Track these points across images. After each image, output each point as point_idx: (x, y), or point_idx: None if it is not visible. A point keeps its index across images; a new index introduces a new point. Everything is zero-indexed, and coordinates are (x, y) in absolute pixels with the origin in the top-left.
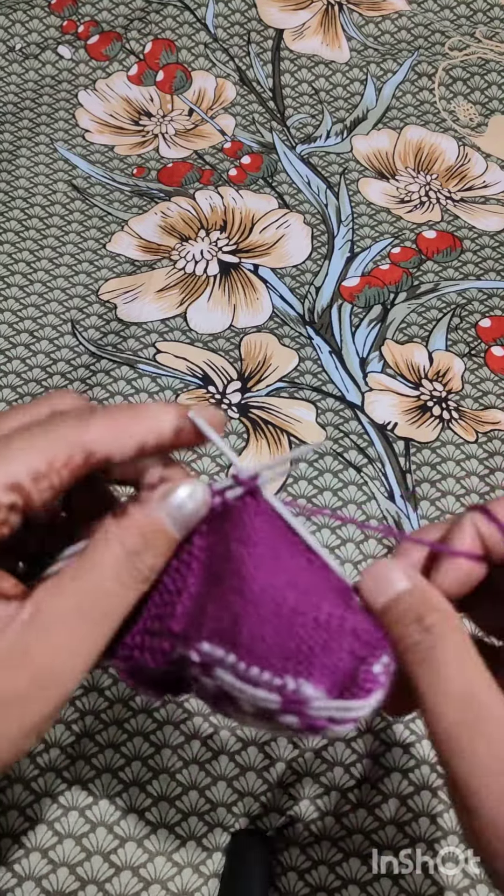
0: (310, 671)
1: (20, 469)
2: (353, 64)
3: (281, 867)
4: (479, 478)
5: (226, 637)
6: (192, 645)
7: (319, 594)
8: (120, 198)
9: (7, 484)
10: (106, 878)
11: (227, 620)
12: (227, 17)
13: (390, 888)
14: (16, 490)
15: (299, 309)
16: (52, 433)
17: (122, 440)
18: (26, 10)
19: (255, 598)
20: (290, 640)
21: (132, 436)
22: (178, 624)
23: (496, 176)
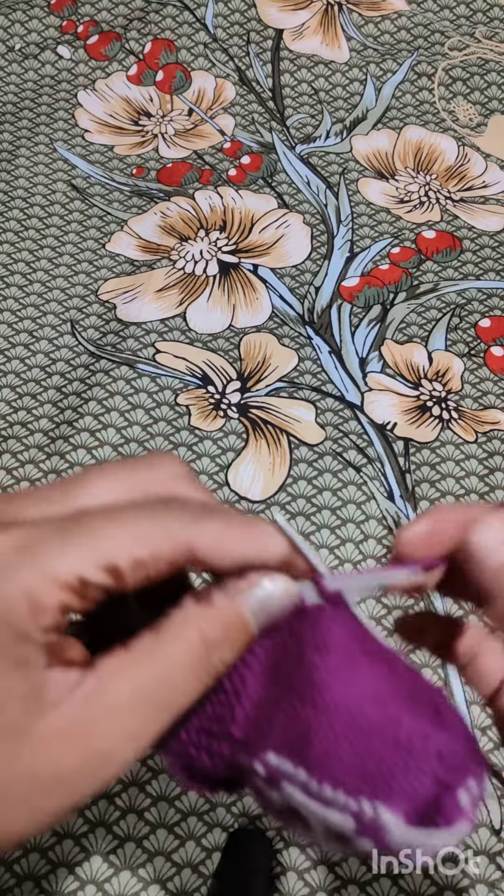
0: (388, 795)
1: (122, 552)
2: (352, 64)
3: (281, 867)
4: (478, 478)
5: (296, 751)
6: (258, 755)
7: (401, 706)
8: (119, 198)
9: (104, 564)
10: (105, 878)
11: (297, 732)
12: (227, 17)
13: (390, 888)
14: (111, 573)
15: (299, 309)
16: (164, 525)
17: (229, 555)
18: (26, 10)
19: (328, 710)
20: (368, 759)
21: (240, 554)
22: (240, 730)
23: (496, 176)
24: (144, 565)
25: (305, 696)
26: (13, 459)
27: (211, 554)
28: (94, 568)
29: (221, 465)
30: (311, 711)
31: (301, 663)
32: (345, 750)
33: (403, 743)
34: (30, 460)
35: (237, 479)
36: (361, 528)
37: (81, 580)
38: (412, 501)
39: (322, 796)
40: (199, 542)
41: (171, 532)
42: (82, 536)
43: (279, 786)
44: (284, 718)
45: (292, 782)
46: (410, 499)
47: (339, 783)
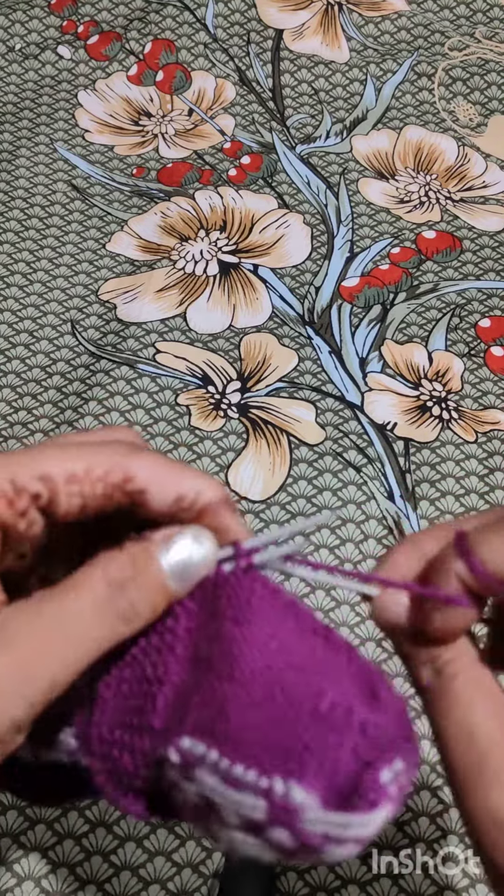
0: (302, 771)
1: (56, 465)
2: (352, 64)
3: (281, 867)
4: (478, 478)
5: (208, 730)
6: (172, 741)
7: (328, 679)
8: (120, 198)
9: (38, 474)
10: (105, 878)
11: (212, 710)
12: (227, 18)
13: (390, 888)
14: (45, 482)
15: (299, 309)
16: (99, 449)
17: (165, 482)
18: (26, 11)
19: (245, 681)
20: (283, 732)
21: (176, 482)
22: (160, 719)
23: (496, 176)
24: (78, 480)
25: (223, 672)
26: None
27: (146, 484)
28: (27, 476)
29: (222, 465)
30: (228, 685)
31: (220, 638)
32: (260, 724)
33: (323, 714)
34: None
35: (237, 479)
36: (361, 528)
37: (14, 485)
38: (412, 501)
39: (233, 777)
40: (135, 464)
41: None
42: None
43: (192, 774)
44: (200, 698)
45: (205, 766)
46: (410, 499)
47: (251, 762)
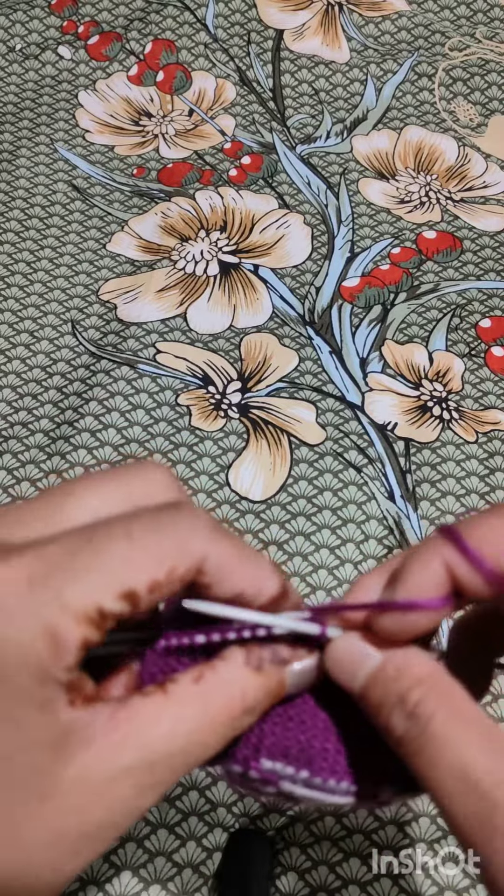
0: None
1: (139, 576)
2: (353, 64)
3: (281, 867)
4: (479, 478)
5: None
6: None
7: None
8: (120, 198)
9: (122, 592)
10: (106, 879)
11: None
12: (227, 18)
13: (390, 888)
14: (129, 600)
15: (299, 309)
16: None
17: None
18: (26, 11)
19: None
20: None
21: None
22: None
23: (496, 176)
24: (160, 588)
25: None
26: (14, 459)
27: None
28: (112, 597)
29: (222, 466)
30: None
31: None
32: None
33: None
34: (31, 460)
35: (238, 479)
36: (362, 528)
37: (101, 612)
38: (413, 502)
39: (326, 788)
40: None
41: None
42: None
43: (277, 784)
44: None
45: (293, 781)
46: (411, 499)
47: (343, 775)
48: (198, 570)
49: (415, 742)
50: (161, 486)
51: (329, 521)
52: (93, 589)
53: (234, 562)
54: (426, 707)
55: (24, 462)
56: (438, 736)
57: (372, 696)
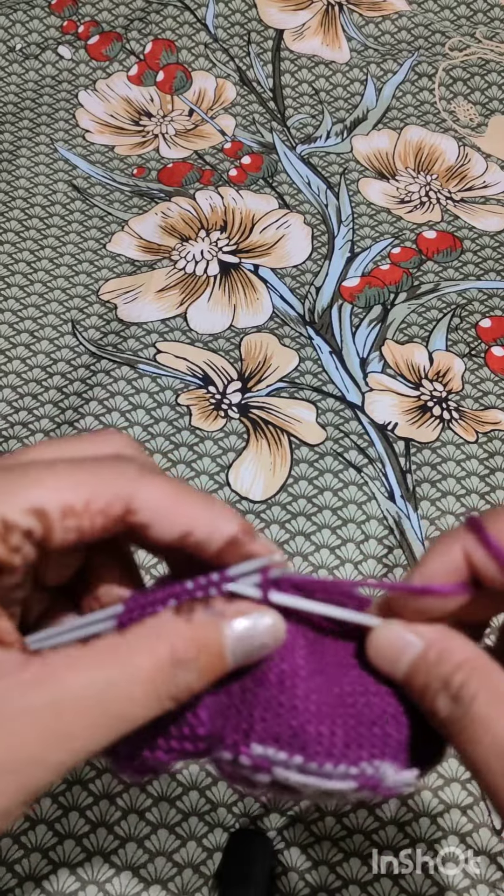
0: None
1: (51, 496)
2: (353, 64)
3: (281, 867)
4: (479, 478)
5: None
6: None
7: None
8: (120, 198)
9: (30, 508)
10: (106, 879)
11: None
12: (227, 18)
13: (390, 888)
14: (39, 517)
15: (299, 309)
16: (102, 473)
17: (171, 517)
18: (26, 11)
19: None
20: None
21: (183, 518)
22: (205, 728)
23: (496, 176)
24: (75, 513)
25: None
26: None
27: (153, 516)
28: (18, 511)
29: (222, 466)
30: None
31: None
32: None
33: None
34: None
35: (238, 479)
36: (362, 528)
37: (4, 522)
38: (413, 501)
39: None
40: (141, 497)
41: (110, 479)
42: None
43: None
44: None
45: (287, 767)
46: (411, 499)
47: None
48: (127, 508)
49: (458, 723)
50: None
51: (329, 521)
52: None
53: (171, 500)
54: (469, 689)
55: None
56: (482, 716)
57: (416, 681)
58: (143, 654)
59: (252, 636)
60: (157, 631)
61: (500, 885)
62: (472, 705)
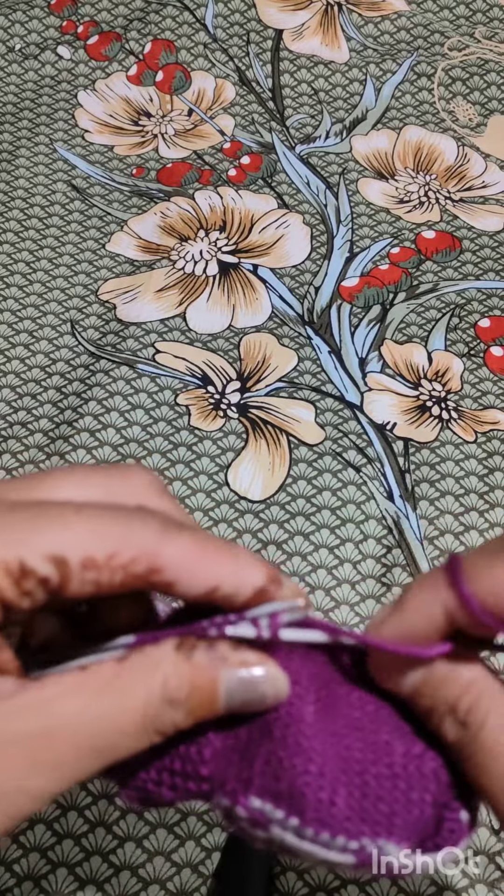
0: (391, 831)
1: (73, 545)
2: (352, 64)
3: (280, 867)
4: (478, 478)
5: (285, 799)
6: (237, 799)
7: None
8: (119, 198)
9: (50, 555)
10: (105, 878)
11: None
12: (227, 18)
13: (389, 888)
14: (58, 566)
15: (298, 309)
16: (128, 527)
17: (197, 574)
18: (26, 11)
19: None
20: (365, 799)
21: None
22: (208, 768)
23: (495, 176)
24: (96, 566)
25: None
26: (13, 459)
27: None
28: (38, 556)
29: (221, 465)
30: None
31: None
32: (340, 795)
33: (400, 773)
34: (30, 460)
35: (237, 479)
36: (361, 527)
37: (23, 567)
38: (412, 501)
39: (319, 840)
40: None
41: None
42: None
43: (267, 828)
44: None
45: (283, 827)
46: (410, 498)
47: (338, 829)
48: (151, 567)
49: (467, 748)
50: (143, 489)
51: (328, 521)
52: (20, 543)
53: (196, 555)
54: (477, 715)
55: (24, 462)
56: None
57: (422, 703)
58: (138, 686)
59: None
60: (155, 664)
61: (499, 884)
62: (481, 732)
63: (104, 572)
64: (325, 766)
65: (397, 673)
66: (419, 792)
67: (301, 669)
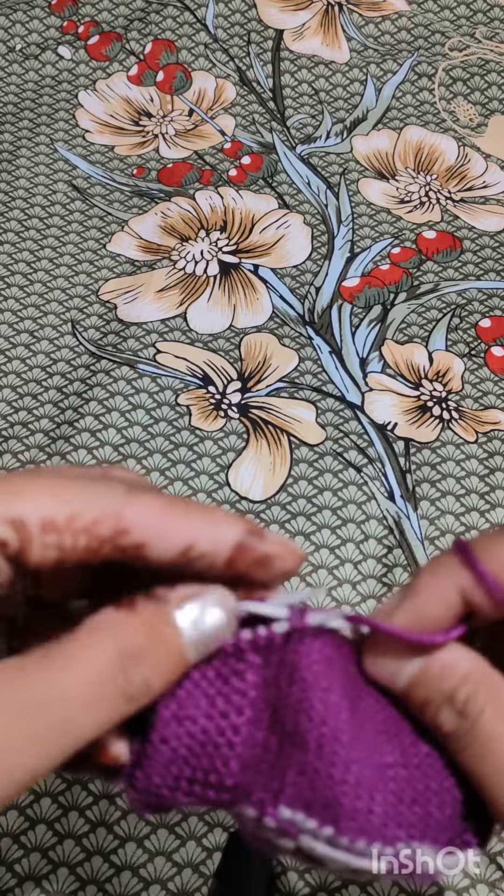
0: (425, 833)
1: (30, 508)
2: (352, 64)
3: (281, 867)
4: (478, 478)
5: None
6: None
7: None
8: (120, 198)
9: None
10: (106, 878)
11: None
12: (227, 18)
13: (390, 888)
14: (15, 528)
15: (299, 309)
16: (89, 490)
17: (168, 532)
18: (26, 11)
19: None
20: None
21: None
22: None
23: (496, 176)
24: (56, 529)
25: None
26: (14, 459)
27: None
28: None
29: (222, 466)
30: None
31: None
32: (377, 802)
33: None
34: (31, 460)
35: (238, 479)
36: (362, 528)
37: None
38: (413, 501)
39: (353, 849)
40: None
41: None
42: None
43: (296, 837)
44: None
45: (315, 837)
46: (411, 499)
47: (375, 836)
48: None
49: (464, 738)
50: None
51: (329, 521)
52: None
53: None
54: (475, 704)
55: (24, 462)
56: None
57: (417, 695)
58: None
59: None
60: (98, 624)
61: (500, 884)
62: (479, 720)
63: (66, 535)
64: (363, 775)
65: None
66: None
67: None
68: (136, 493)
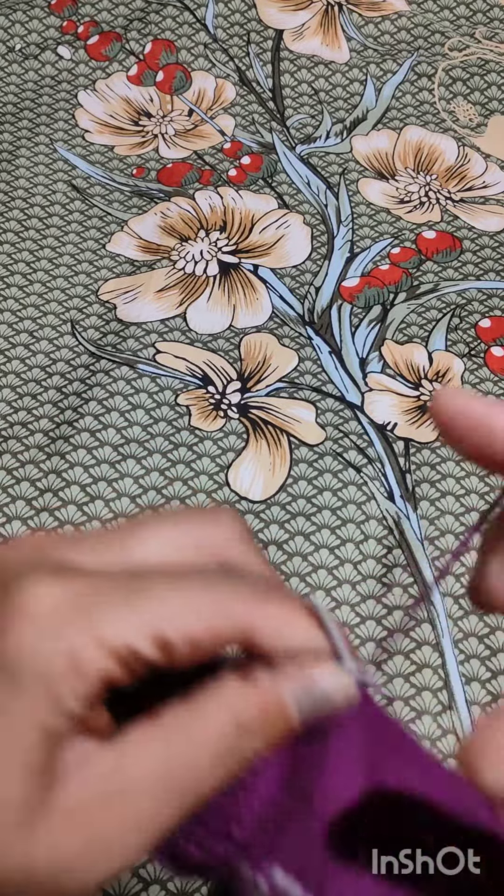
0: None
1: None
2: (352, 64)
3: None
4: (478, 478)
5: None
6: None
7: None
8: (119, 198)
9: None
10: None
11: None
12: (227, 18)
13: None
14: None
15: (299, 309)
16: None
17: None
18: (26, 11)
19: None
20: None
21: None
22: (243, 831)
23: (496, 176)
24: (197, 645)
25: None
26: (13, 460)
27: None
28: (144, 639)
29: (221, 466)
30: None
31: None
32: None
33: None
34: (30, 460)
35: (237, 479)
36: (362, 528)
37: (130, 650)
38: (412, 501)
39: None
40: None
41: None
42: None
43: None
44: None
45: None
46: (411, 499)
47: None
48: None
49: None
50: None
51: (328, 521)
52: (126, 626)
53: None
54: None
55: (24, 462)
56: None
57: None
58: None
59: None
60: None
61: None
62: None
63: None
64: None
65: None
66: None
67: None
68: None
